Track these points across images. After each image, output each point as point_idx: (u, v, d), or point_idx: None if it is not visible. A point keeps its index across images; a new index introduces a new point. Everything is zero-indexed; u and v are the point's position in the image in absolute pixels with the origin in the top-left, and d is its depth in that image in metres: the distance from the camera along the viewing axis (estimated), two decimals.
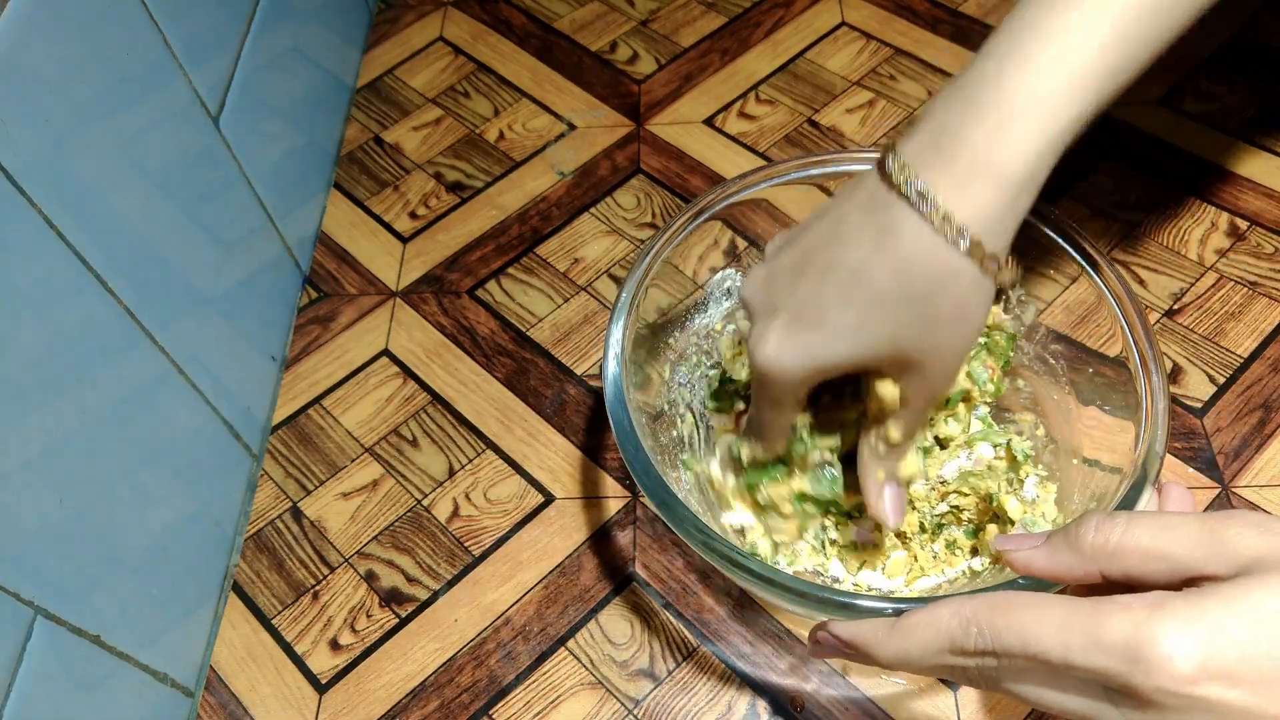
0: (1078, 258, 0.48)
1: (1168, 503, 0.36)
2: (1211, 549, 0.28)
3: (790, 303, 0.38)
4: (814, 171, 0.52)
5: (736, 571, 0.41)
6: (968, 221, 0.35)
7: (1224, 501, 0.55)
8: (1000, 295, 0.52)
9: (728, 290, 0.56)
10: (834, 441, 0.45)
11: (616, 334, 0.48)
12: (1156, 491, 0.40)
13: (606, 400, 0.46)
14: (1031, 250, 0.49)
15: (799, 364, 0.38)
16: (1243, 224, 0.67)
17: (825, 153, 0.52)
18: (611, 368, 0.47)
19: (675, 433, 0.52)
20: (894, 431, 0.41)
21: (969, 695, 0.51)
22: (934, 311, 0.36)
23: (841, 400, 0.45)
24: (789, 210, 0.53)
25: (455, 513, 0.59)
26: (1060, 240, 0.48)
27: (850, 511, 0.49)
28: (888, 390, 0.40)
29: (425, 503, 0.60)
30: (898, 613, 0.38)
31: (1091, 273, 0.47)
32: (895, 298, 0.36)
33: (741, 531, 0.51)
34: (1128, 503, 0.41)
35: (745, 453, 0.46)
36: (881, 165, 0.37)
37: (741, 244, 0.55)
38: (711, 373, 0.54)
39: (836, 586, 0.49)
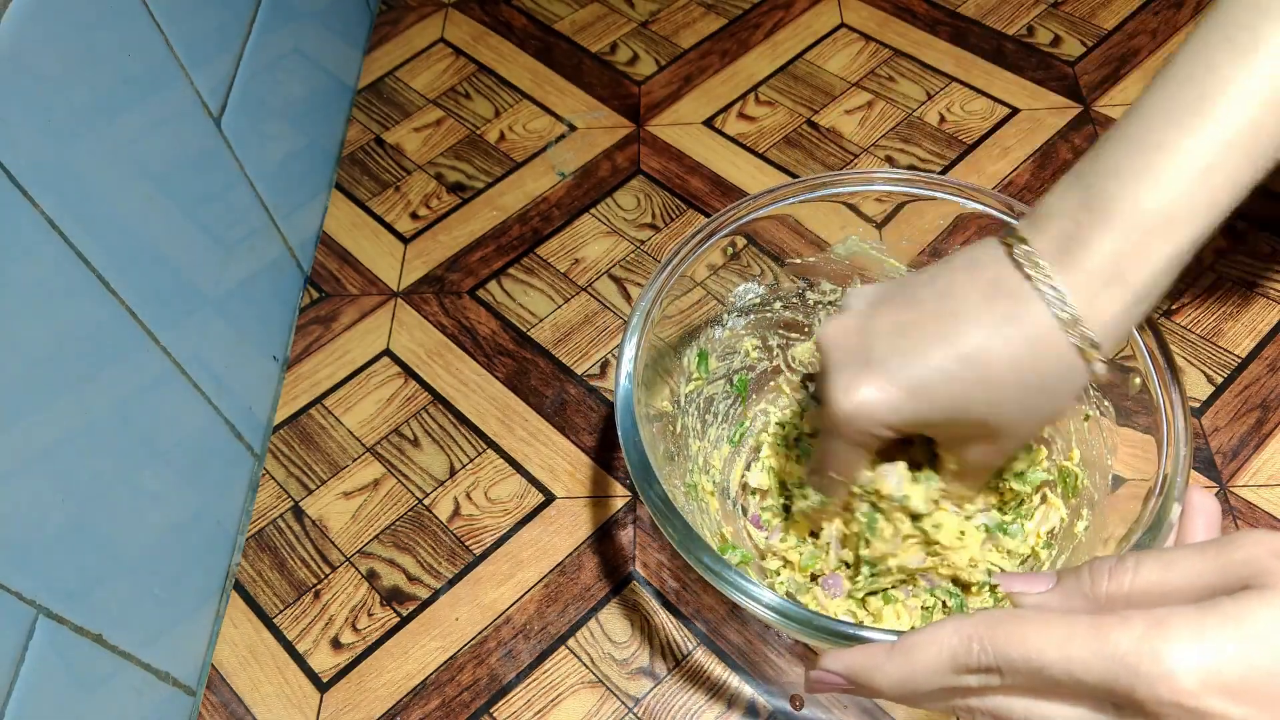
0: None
1: (1191, 512, 0.36)
2: (1220, 576, 0.28)
3: (889, 360, 0.39)
4: (829, 191, 0.52)
5: (761, 609, 0.41)
6: (1093, 328, 0.37)
7: (1222, 501, 0.55)
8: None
9: (749, 305, 0.56)
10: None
11: (630, 351, 0.47)
12: (1181, 503, 0.40)
13: (620, 426, 0.45)
14: None
15: (888, 417, 0.40)
16: (1241, 225, 0.67)
17: (837, 171, 0.53)
18: (623, 386, 0.46)
19: (686, 450, 0.53)
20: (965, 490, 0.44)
21: None
22: (1035, 401, 0.39)
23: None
24: (810, 225, 0.53)
25: (456, 512, 0.59)
26: None
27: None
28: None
29: (426, 502, 0.60)
30: None
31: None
32: (1007, 383, 0.38)
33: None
34: (1150, 536, 0.40)
35: (801, 504, 0.48)
36: (1009, 251, 0.38)
37: (749, 254, 0.55)
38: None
39: (863, 623, 0.49)
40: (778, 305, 0.56)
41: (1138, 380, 0.46)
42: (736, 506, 0.55)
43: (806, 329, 0.57)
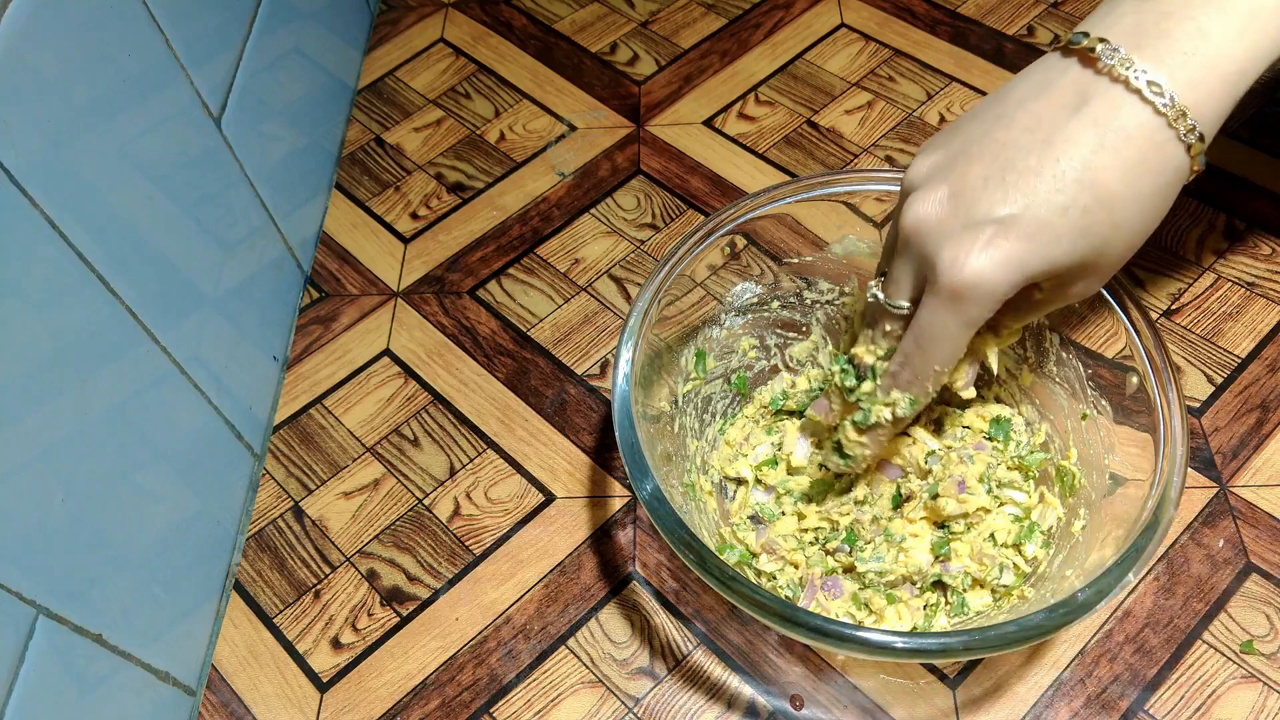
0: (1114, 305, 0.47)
1: None
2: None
3: (995, 213, 0.36)
4: (829, 190, 0.52)
5: (756, 610, 0.41)
6: (1198, 119, 0.34)
7: (1222, 501, 0.55)
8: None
9: (747, 304, 0.56)
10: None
11: (627, 353, 0.47)
12: None
13: (617, 427, 0.45)
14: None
15: (1010, 277, 0.37)
16: (1240, 224, 0.67)
17: (837, 170, 0.53)
18: (620, 387, 0.46)
19: (684, 450, 0.53)
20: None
21: (969, 694, 0.51)
22: (1149, 208, 0.36)
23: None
24: (809, 225, 0.53)
25: (456, 512, 0.59)
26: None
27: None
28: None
29: (426, 502, 0.60)
30: (906, 648, 0.38)
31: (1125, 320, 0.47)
32: (1123, 196, 0.35)
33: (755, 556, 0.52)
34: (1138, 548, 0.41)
35: (892, 405, 0.44)
36: (1086, 56, 0.35)
37: (749, 253, 0.55)
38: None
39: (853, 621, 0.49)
40: (776, 305, 0.56)
41: (1135, 379, 0.46)
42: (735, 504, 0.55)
43: (804, 329, 0.57)
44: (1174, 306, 0.63)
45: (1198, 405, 0.59)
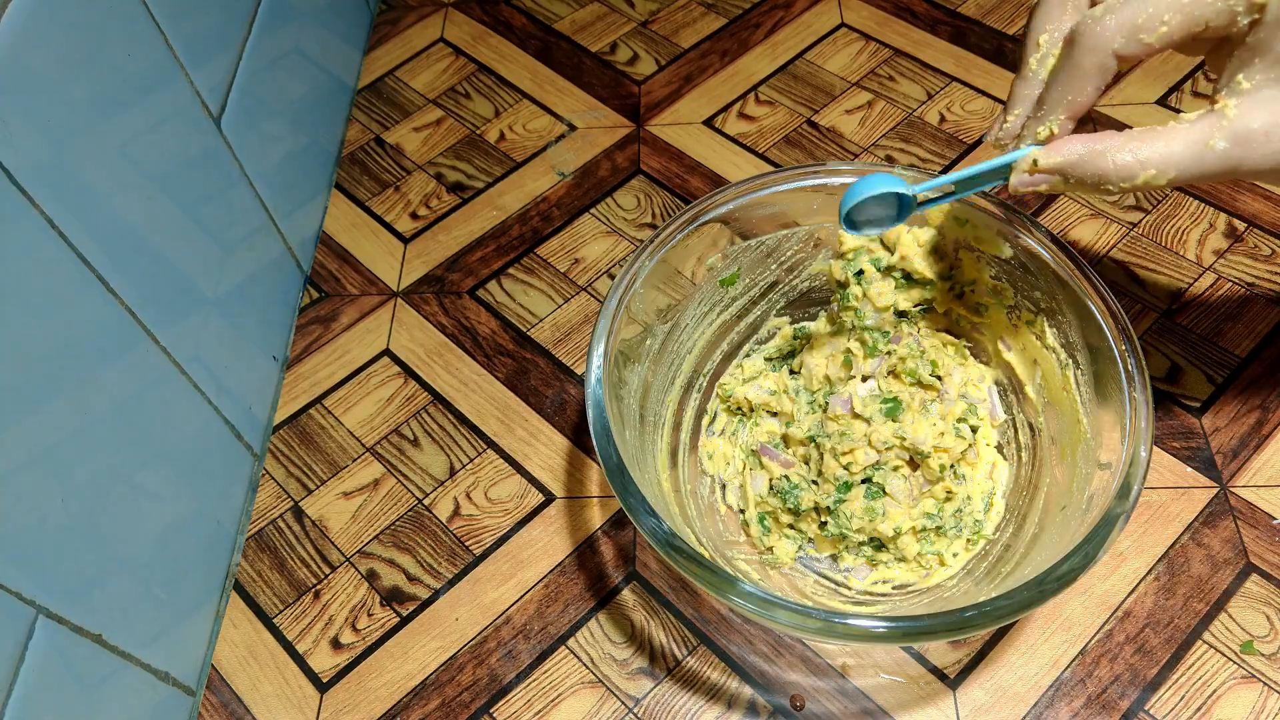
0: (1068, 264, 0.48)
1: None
2: None
3: None
4: (804, 183, 0.52)
5: (719, 591, 0.41)
6: None
7: (1222, 501, 0.56)
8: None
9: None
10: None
11: (597, 358, 0.47)
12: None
13: (592, 428, 0.45)
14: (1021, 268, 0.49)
15: None
16: (1240, 225, 0.67)
17: (811, 164, 0.53)
18: (593, 390, 0.46)
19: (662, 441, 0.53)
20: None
21: (969, 694, 0.51)
22: None
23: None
24: (788, 212, 0.53)
25: (456, 512, 0.59)
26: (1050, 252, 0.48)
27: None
28: None
29: (426, 502, 0.60)
30: (890, 630, 0.38)
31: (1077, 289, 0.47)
32: None
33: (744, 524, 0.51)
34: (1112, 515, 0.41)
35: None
36: None
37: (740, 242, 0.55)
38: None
39: (832, 606, 0.50)
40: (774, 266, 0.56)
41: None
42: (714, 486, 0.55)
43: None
44: (1174, 306, 0.63)
45: (1198, 405, 0.59)
